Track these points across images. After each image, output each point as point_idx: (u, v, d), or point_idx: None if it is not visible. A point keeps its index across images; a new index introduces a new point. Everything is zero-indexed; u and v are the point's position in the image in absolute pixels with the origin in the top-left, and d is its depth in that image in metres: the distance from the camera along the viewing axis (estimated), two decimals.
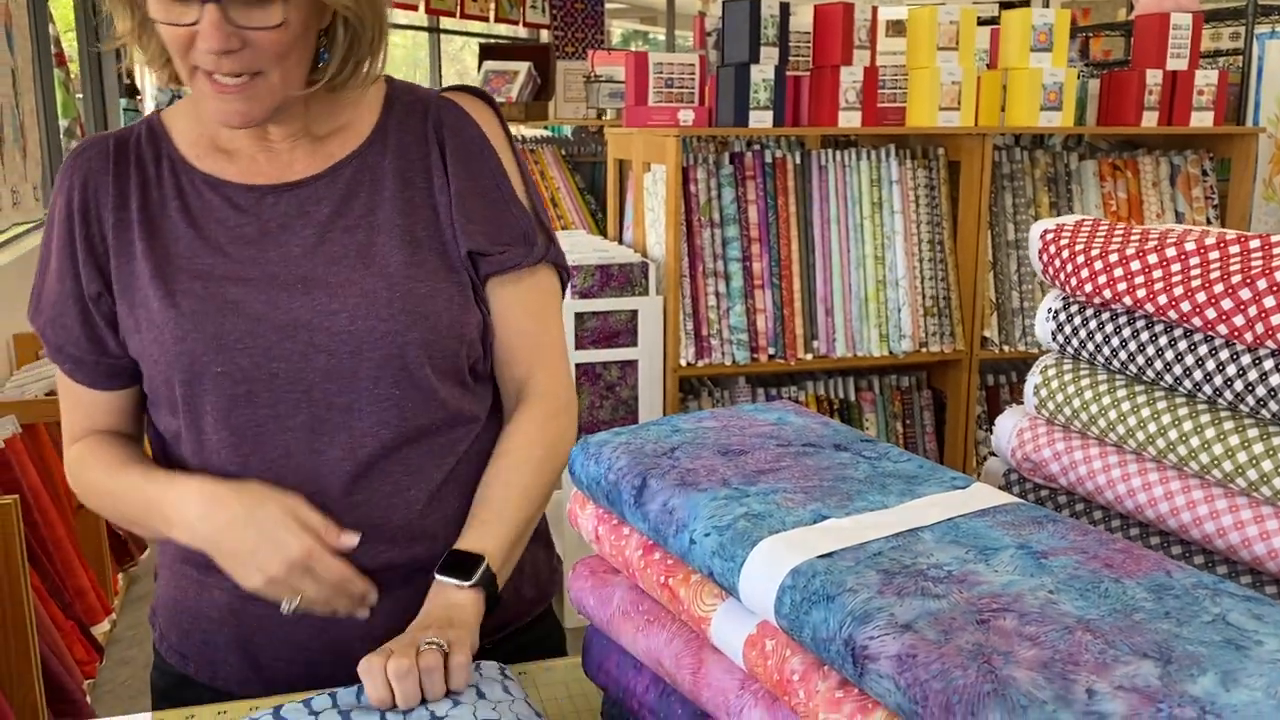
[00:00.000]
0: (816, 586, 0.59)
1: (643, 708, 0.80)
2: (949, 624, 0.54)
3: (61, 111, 4.82)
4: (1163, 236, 0.82)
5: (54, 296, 1.01)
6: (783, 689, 0.62)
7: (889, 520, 0.66)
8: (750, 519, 0.66)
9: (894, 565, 0.60)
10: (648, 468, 0.75)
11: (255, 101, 0.91)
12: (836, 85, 2.64)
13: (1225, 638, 0.52)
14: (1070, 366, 0.89)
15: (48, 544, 2.63)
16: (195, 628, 1.04)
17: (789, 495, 0.69)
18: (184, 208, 0.99)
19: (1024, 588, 0.57)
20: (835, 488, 0.70)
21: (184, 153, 1.01)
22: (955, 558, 0.61)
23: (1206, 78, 2.85)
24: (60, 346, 1.01)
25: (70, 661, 2.41)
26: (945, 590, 0.57)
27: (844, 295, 2.76)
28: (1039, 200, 2.89)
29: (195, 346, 0.95)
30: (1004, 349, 2.85)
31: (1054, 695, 0.48)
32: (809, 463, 0.74)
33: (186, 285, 0.96)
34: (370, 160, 1.01)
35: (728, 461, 0.75)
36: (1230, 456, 0.75)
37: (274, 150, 1.01)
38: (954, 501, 0.69)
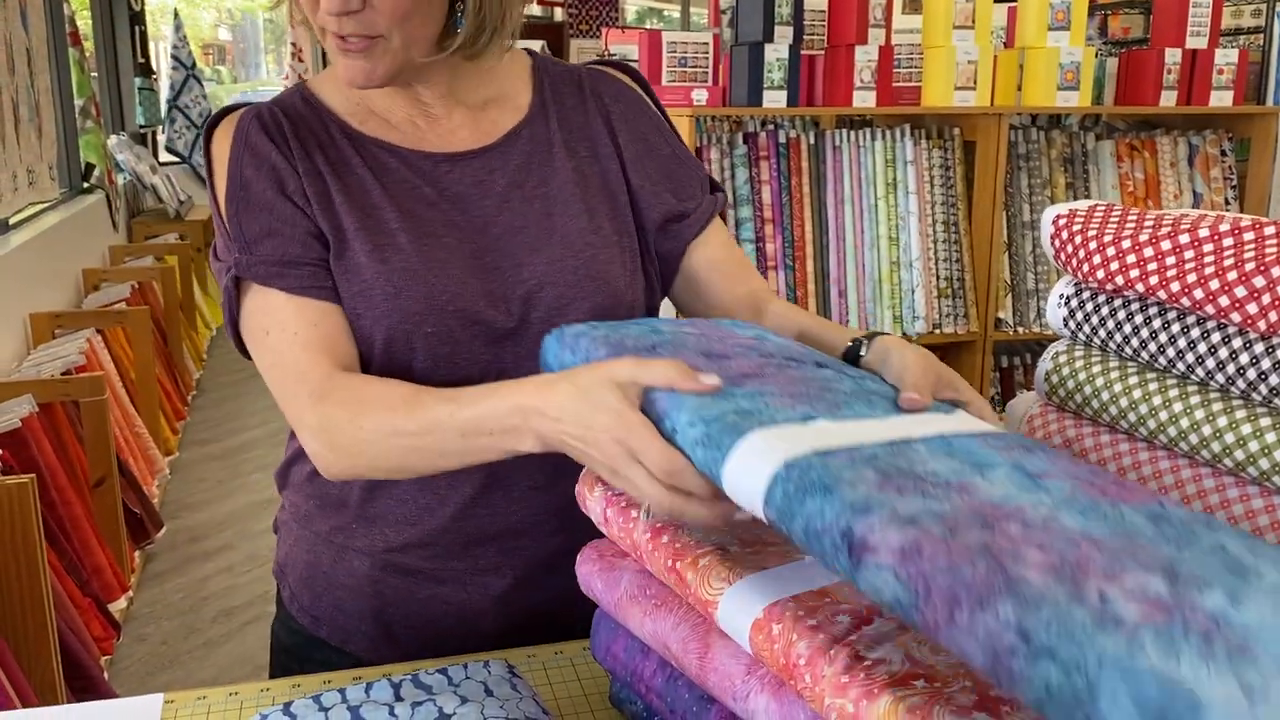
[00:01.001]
0: (813, 478, 0.56)
1: (650, 691, 0.81)
2: (953, 523, 0.52)
3: (77, 91, 4.83)
4: (1176, 223, 0.81)
5: (279, 232, 0.94)
6: (789, 673, 0.63)
7: (880, 429, 0.64)
8: (739, 414, 0.64)
9: (890, 468, 0.58)
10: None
11: (378, 61, 0.92)
12: (851, 64, 2.62)
13: (1226, 565, 0.51)
14: (1082, 353, 0.89)
15: (65, 522, 2.66)
16: (329, 593, 1.06)
17: (777, 398, 0.67)
18: (367, 166, 0.98)
19: (1024, 501, 0.55)
20: (822, 396, 0.68)
21: (345, 119, 1.00)
22: (951, 469, 0.59)
23: (1226, 56, 2.81)
24: (305, 268, 0.93)
25: (87, 638, 2.43)
26: (945, 494, 0.55)
27: (858, 276, 2.75)
28: (1055, 181, 2.87)
29: (408, 304, 0.93)
30: (1018, 330, 2.84)
31: (1067, 595, 0.46)
32: (793, 373, 0.73)
33: (391, 240, 0.95)
34: (538, 131, 1.03)
35: (711, 363, 0.72)
36: (1242, 445, 0.75)
37: (432, 117, 1.01)
38: (943, 421, 0.68)
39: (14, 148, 3.57)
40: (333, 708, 0.79)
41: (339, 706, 0.79)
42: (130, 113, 6.71)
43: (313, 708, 0.79)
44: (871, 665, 0.59)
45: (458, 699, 0.80)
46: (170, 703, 0.93)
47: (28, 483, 1.97)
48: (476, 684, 0.84)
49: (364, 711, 0.79)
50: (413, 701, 0.80)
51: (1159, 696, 0.42)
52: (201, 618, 3.00)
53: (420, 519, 1.02)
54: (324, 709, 0.79)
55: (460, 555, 1.02)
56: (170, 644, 2.86)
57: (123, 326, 3.87)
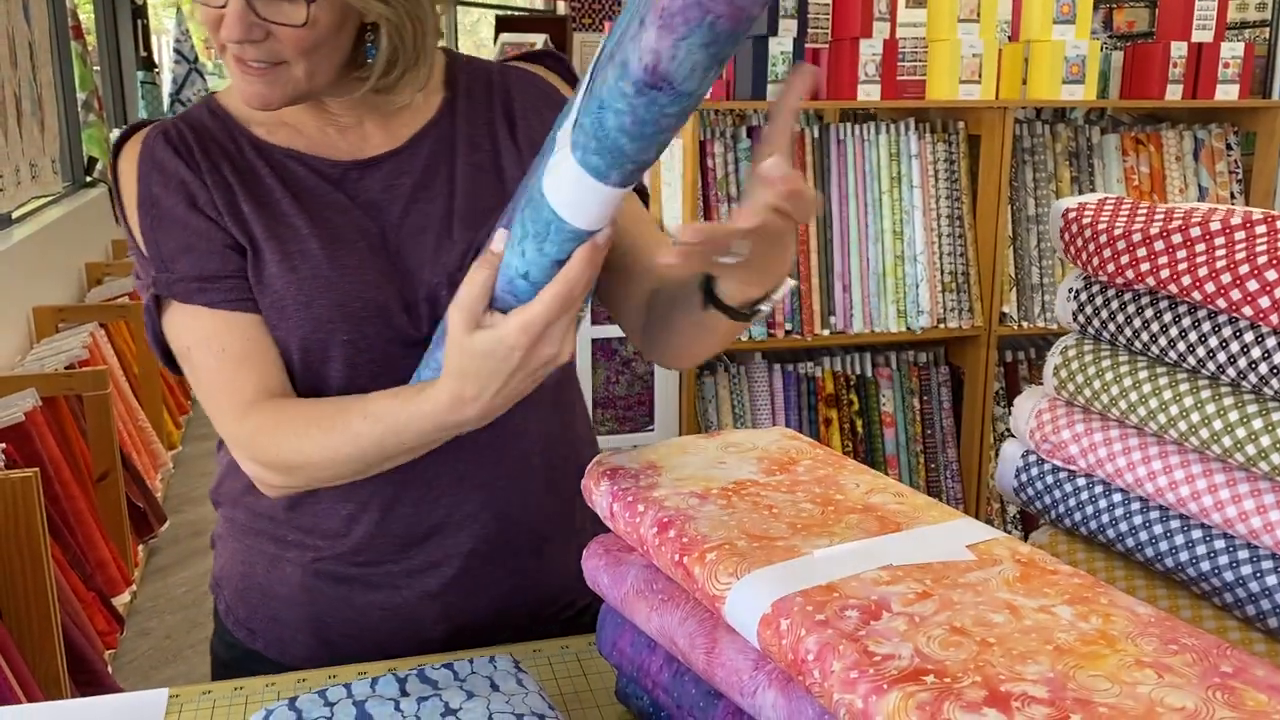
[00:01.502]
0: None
1: (656, 687, 0.80)
2: None
3: (79, 84, 4.83)
4: (1187, 216, 0.81)
5: (195, 248, 0.94)
6: (797, 669, 0.62)
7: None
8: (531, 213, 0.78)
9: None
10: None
11: (278, 87, 0.90)
12: (856, 58, 2.62)
13: None
14: (1091, 348, 0.88)
15: (68, 516, 2.66)
16: (265, 603, 1.04)
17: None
18: (276, 176, 0.97)
19: None
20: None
21: (254, 131, 0.99)
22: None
23: (1232, 50, 2.80)
24: (225, 281, 0.94)
25: (91, 632, 2.43)
26: None
27: (861, 271, 2.75)
28: (1060, 175, 2.86)
29: (320, 313, 0.93)
30: (1023, 325, 2.83)
31: None
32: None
33: (301, 248, 0.94)
34: (444, 132, 1.01)
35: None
36: (1254, 440, 0.74)
37: (342, 125, 1.00)
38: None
39: (16, 141, 3.56)
40: (338, 703, 0.79)
41: (344, 701, 0.79)
42: (133, 106, 6.71)
43: (318, 702, 0.79)
44: (880, 661, 0.59)
45: (464, 694, 0.80)
46: (175, 697, 0.93)
47: (31, 477, 1.97)
48: (482, 679, 0.83)
49: (369, 706, 0.78)
50: (418, 696, 0.80)
51: None
52: (205, 612, 3.00)
53: (348, 529, 1.00)
54: (329, 704, 0.79)
55: (393, 558, 1.01)
56: (174, 638, 2.86)
57: (126, 320, 3.87)
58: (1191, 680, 0.58)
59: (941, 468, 2.93)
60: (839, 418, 2.84)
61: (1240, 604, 0.78)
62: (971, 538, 0.73)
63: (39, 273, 3.81)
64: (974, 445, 2.89)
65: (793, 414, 2.82)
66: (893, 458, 2.88)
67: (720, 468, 0.85)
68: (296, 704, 0.79)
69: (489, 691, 0.81)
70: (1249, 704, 0.56)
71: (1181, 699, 0.56)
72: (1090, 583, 0.68)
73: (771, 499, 0.79)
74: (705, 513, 0.77)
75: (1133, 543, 0.85)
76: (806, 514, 0.76)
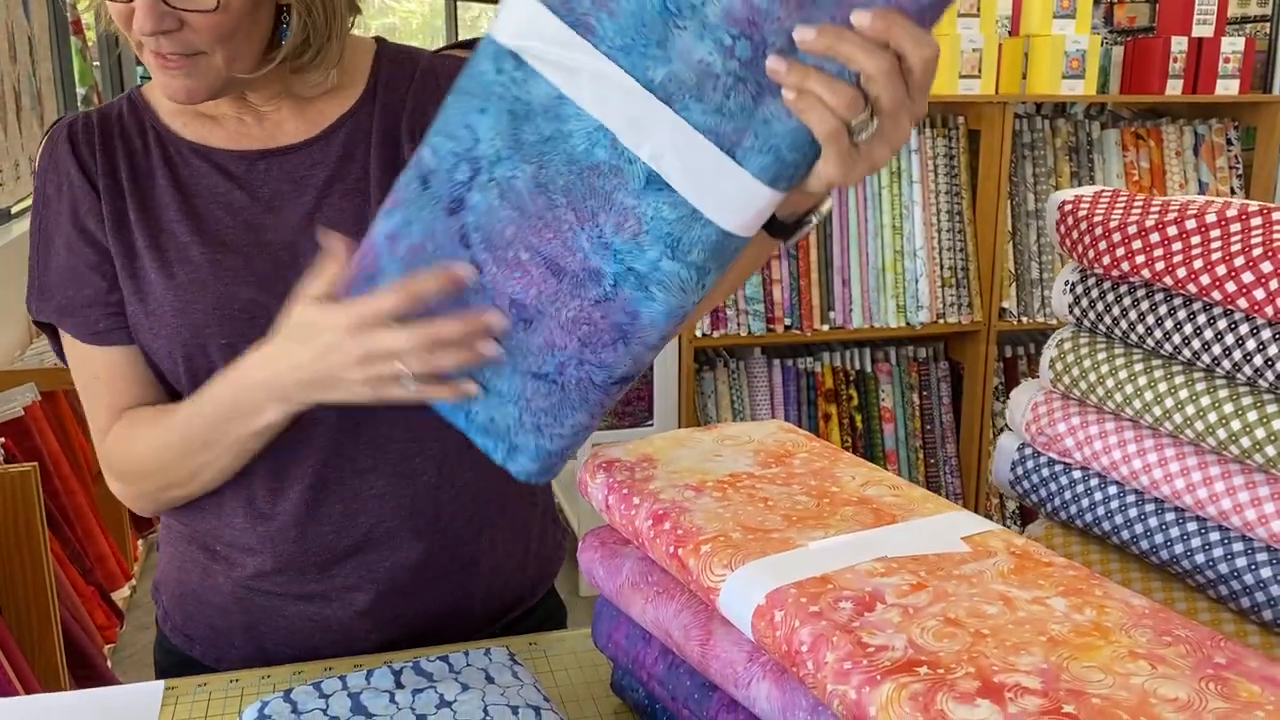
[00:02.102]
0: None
1: (652, 679, 0.80)
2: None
3: (79, 80, 4.83)
4: (1183, 208, 0.81)
5: (67, 268, 0.97)
6: (791, 660, 0.62)
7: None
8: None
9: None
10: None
11: (199, 79, 0.88)
12: None
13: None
14: (1087, 340, 0.88)
15: (68, 510, 2.66)
16: (200, 611, 1.04)
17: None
18: (172, 177, 0.96)
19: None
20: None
21: (167, 123, 0.98)
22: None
23: (1233, 44, 2.80)
24: (84, 311, 0.96)
25: (91, 626, 2.44)
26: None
27: (861, 266, 2.74)
28: (1060, 170, 2.86)
29: (196, 318, 0.93)
30: (1022, 320, 2.83)
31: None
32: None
33: (181, 255, 0.94)
34: (361, 122, 0.98)
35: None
36: (1249, 433, 0.74)
37: (260, 113, 0.98)
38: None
39: (16, 136, 3.56)
40: (333, 695, 0.79)
41: (339, 694, 0.79)
42: None
43: (313, 694, 0.79)
44: (874, 652, 0.59)
45: (459, 686, 0.80)
46: (171, 689, 0.93)
47: (30, 471, 1.97)
48: (477, 671, 0.83)
49: (364, 698, 0.79)
50: (414, 688, 0.80)
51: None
52: None
53: (263, 546, 0.98)
54: (324, 696, 0.79)
55: (317, 577, 0.99)
56: None
57: None
58: (1185, 671, 0.58)
59: (941, 463, 2.93)
60: (838, 413, 2.84)
61: (1235, 596, 0.78)
62: (966, 530, 0.73)
63: None
64: (973, 440, 2.89)
65: (792, 409, 2.82)
66: (892, 453, 2.88)
67: (716, 460, 0.85)
68: (291, 696, 0.79)
69: (484, 684, 0.81)
70: (1242, 695, 0.56)
71: (1175, 690, 0.56)
72: (1084, 574, 0.68)
73: (767, 491, 0.79)
74: (700, 505, 0.77)
75: (1128, 535, 0.85)
76: (802, 506, 0.76)
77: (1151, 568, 0.87)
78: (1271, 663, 0.59)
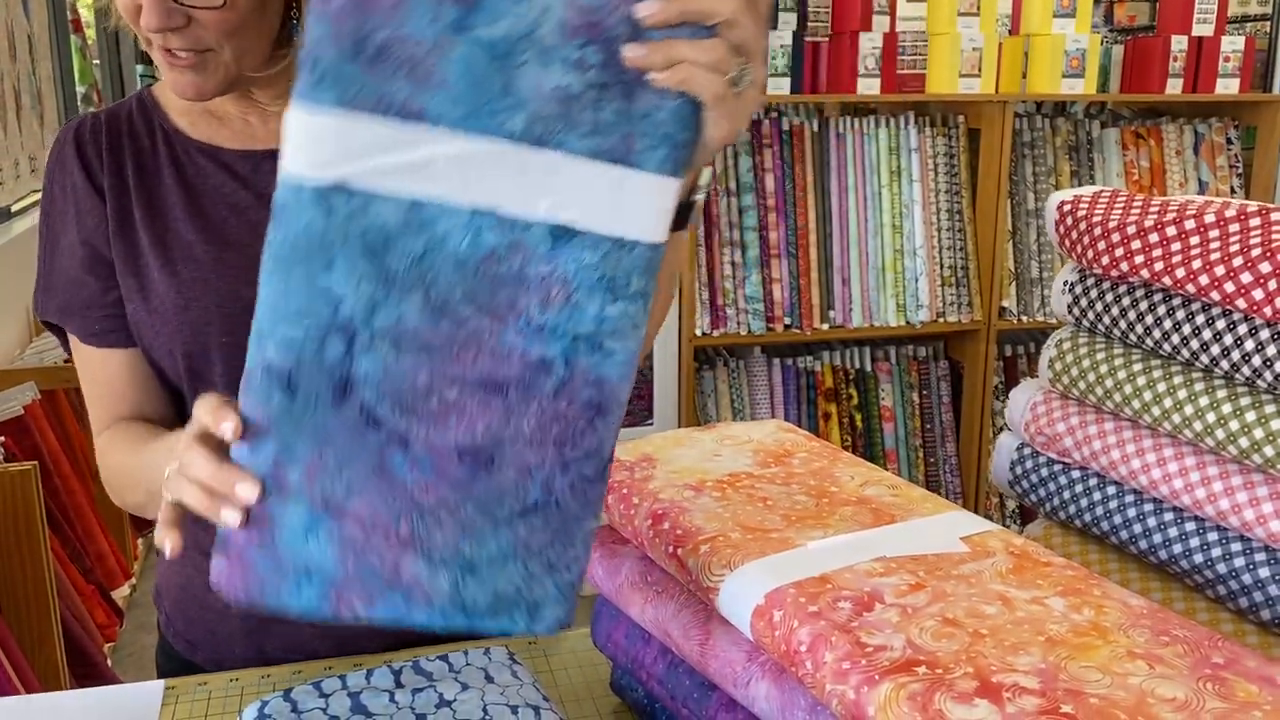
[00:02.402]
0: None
1: (651, 678, 0.81)
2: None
3: (79, 78, 4.82)
4: (1182, 208, 0.81)
5: (69, 270, 0.99)
6: (790, 660, 0.62)
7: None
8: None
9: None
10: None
11: (208, 75, 0.88)
12: (855, 51, 2.61)
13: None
14: (1086, 340, 0.88)
15: (68, 509, 2.66)
16: (202, 617, 1.04)
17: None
18: (179, 177, 0.97)
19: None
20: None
21: (176, 122, 0.99)
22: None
23: (1233, 43, 2.80)
24: (84, 313, 0.98)
25: (91, 625, 2.44)
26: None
27: (861, 265, 2.74)
28: (1060, 169, 2.85)
29: (198, 315, 0.93)
30: (1022, 319, 2.83)
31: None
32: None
33: (185, 253, 0.95)
34: None
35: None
36: (1247, 433, 0.74)
37: (266, 113, 0.98)
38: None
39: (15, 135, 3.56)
40: (333, 694, 0.79)
41: (339, 693, 0.79)
42: None
43: (313, 694, 0.79)
44: (873, 652, 0.59)
45: (458, 685, 0.80)
46: (171, 689, 0.93)
47: (30, 470, 1.97)
48: (477, 670, 0.83)
49: (364, 698, 0.79)
50: (413, 688, 0.80)
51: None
52: None
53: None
54: (324, 695, 0.79)
55: None
56: None
57: None
58: (1183, 671, 0.58)
59: (940, 462, 2.93)
60: (838, 412, 2.84)
61: (1233, 596, 0.78)
62: (965, 530, 0.73)
63: None
64: (973, 440, 2.89)
65: (792, 408, 2.82)
66: (892, 452, 2.88)
67: (715, 460, 0.85)
68: (291, 695, 0.79)
69: (484, 683, 0.81)
70: (1240, 695, 0.56)
71: (1173, 690, 0.56)
72: (1083, 574, 0.68)
73: (766, 491, 0.79)
74: (700, 505, 0.77)
75: (1127, 535, 0.85)
76: (801, 506, 0.77)
77: (1150, 567, 0.87)
78: (1269, 663, 0.59)
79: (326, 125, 0.57)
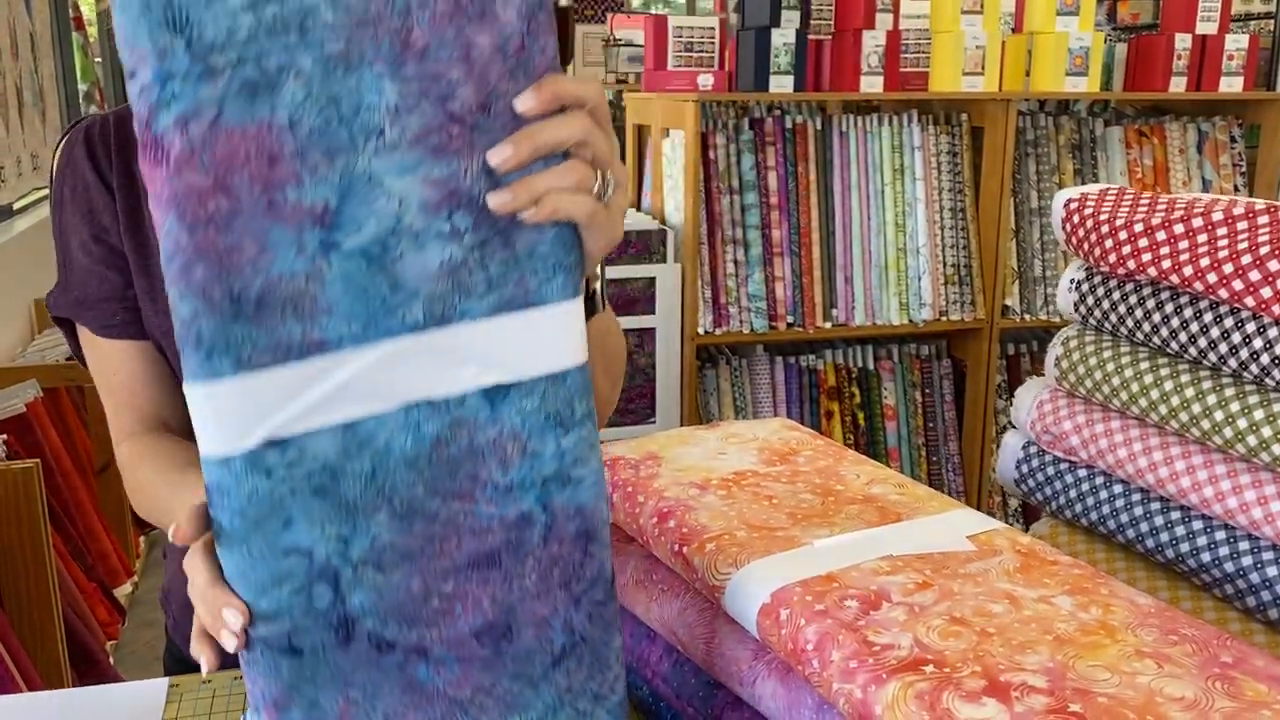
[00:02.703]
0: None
1: (656, 677, 0.80)
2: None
3: (80, 76, 4.82)
4: (1189, 206, 0.80)
5: (85, 265, 0.98)
6: (796, 658, 0.62)
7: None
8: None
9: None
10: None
11: None
12: (859, 49, 2.61)
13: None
14: (1093, 338, 0.88)
15: (70, 507, 2.66)
16: None
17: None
18: None
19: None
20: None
21: None
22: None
23: (1237, 42, 2.79)
24: (100, 306, 0.96)
25: (93, 623, 2.44)
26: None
27: (864, 263, 2.74)
28: (1063, 167, 2.85)
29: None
30: (1025, 318, 2.83)
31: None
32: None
33: None
34: None
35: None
36: (1255, 431, 0.74)
37: None
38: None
39: (18, 133, 3.56)
40: None
41: None
42: None
43: None
44: (879, 650, 0.59)
45: None
46: (175, 687, 0.93)
47: (33, 468, 1.97)
48: None
49: None
50: None
51: None
52: None
53: None
54: None
55: None
56: None
57: None
58: (1191, 670, 0.58)
59: (943, 461, 2.93)
60: (840, 410, 2.84)
61: (1241, 595, 0.78)
62: (971, 528, 0.73)
63: (40, 264, 3.81)
64: (976, 438, 2.89)
65: (794, 406, 2.82)
66: (894, 450, 2.88)
67: (720, 458, 0.85)
68: None
69: None
70: (1248, 694, 0.56)
71: (1181, 689, 0.56)
72: (1090, 573, 0.68)
73: (771, 489, 0.79)
74: (705, 503, 0.77)
75: (1133, 534, 0.85)
76: (807, 504, 0.76)
77: (1156, 566, 0.87)
78: (1277, 662, 0.59)
79: (232, 395, 0.54)
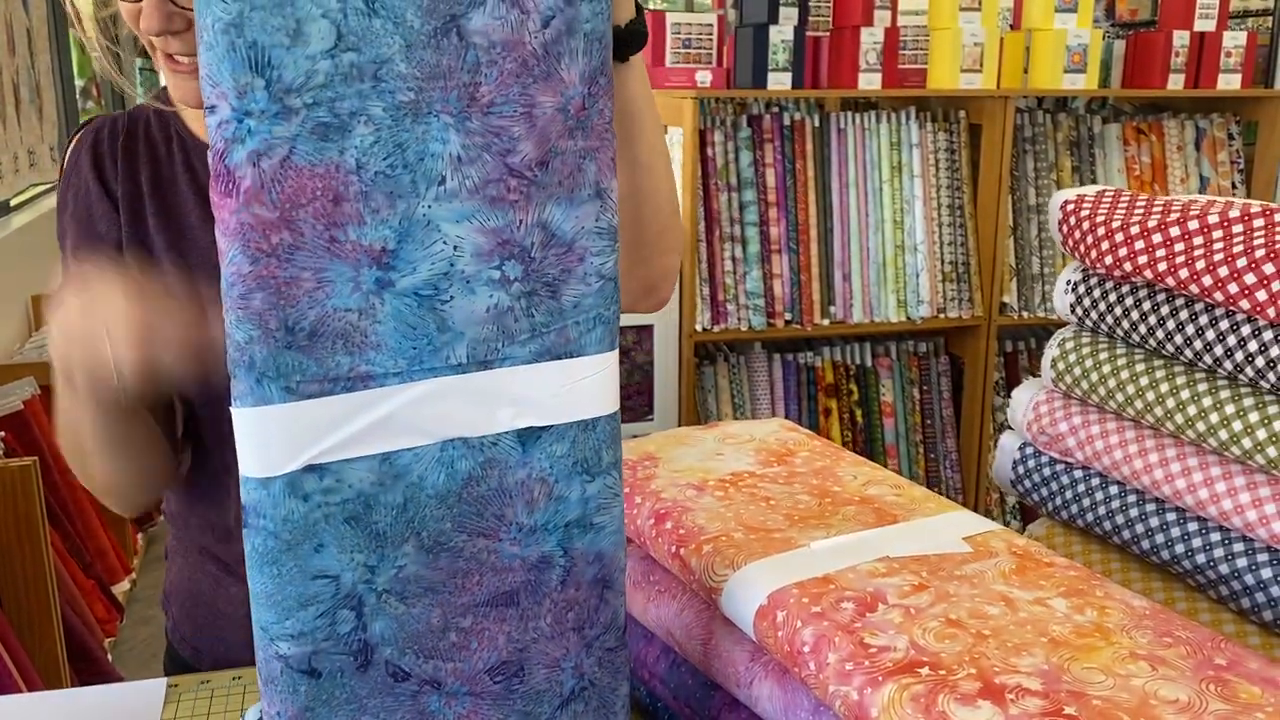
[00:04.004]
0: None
1: (653, 678, 0.81)
2: None
3: (78, 72, 4.81)
4: (1185, 208, 0.80)
5: (77, 269, 0.98)
6: (793, 660, 0.62)
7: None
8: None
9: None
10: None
11: None
12: (857, 46, 2.61)
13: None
14: (1089, 340, 0.88)
15: (68, 504, 2.66)
16: (212, 623, 1.04)
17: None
18: (194, 182, 0.97)
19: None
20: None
21: (191, 126, 0.99)
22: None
23: (1235, 39, 2.79)
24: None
25: (91, 620, 2.44)
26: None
27: (862, 260, 2.74)
28: (1061, 164, 2.85)
29: (217, 330, 0.93)
30: (1023, 315, 2.83)
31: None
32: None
33: (201, 259, 0.95)
34: None
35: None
36: (1250, 434, 0.74)
37: None
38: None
39: (15, 129, 3.56)
40: None
41: None
42: (131, 94, 6.69)
43: None
44: (876, 653, 0.59)
45: None
46: (174, 686, 0.93)
47: (30, 465, 1.97)
48: None
49: None
50: None
51: None
52: None
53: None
54: None
55: None
56: None
57: None
58: (1185, 673, 0.58)
59: (941, 458, 2.93)
60: (838, 408, 2.84)
61: (1236, 597, 0.78)
62: (968, 530, 0.73)
63: (37, 261, 3.81)
64: (973, 436, 2.89)
65: (792, 404, 2.82)
66: (892, 447, 2.88)
67: (717, 459, 0.85)
68: None
69: None
70: (1242, 696, 0.56)
71: (1175, 691, 0.56)
72: (1085, 575, 0.68)
73: (769, 491, 0.79)
74: (702, 504, 0.77)
75: (1129, 535, 0.85)
76: (804, 506, 0.77)
77: (1152, 568, 0.87)
78: (1272, 664, 0.59)
79: (278, 420, 0.56)
